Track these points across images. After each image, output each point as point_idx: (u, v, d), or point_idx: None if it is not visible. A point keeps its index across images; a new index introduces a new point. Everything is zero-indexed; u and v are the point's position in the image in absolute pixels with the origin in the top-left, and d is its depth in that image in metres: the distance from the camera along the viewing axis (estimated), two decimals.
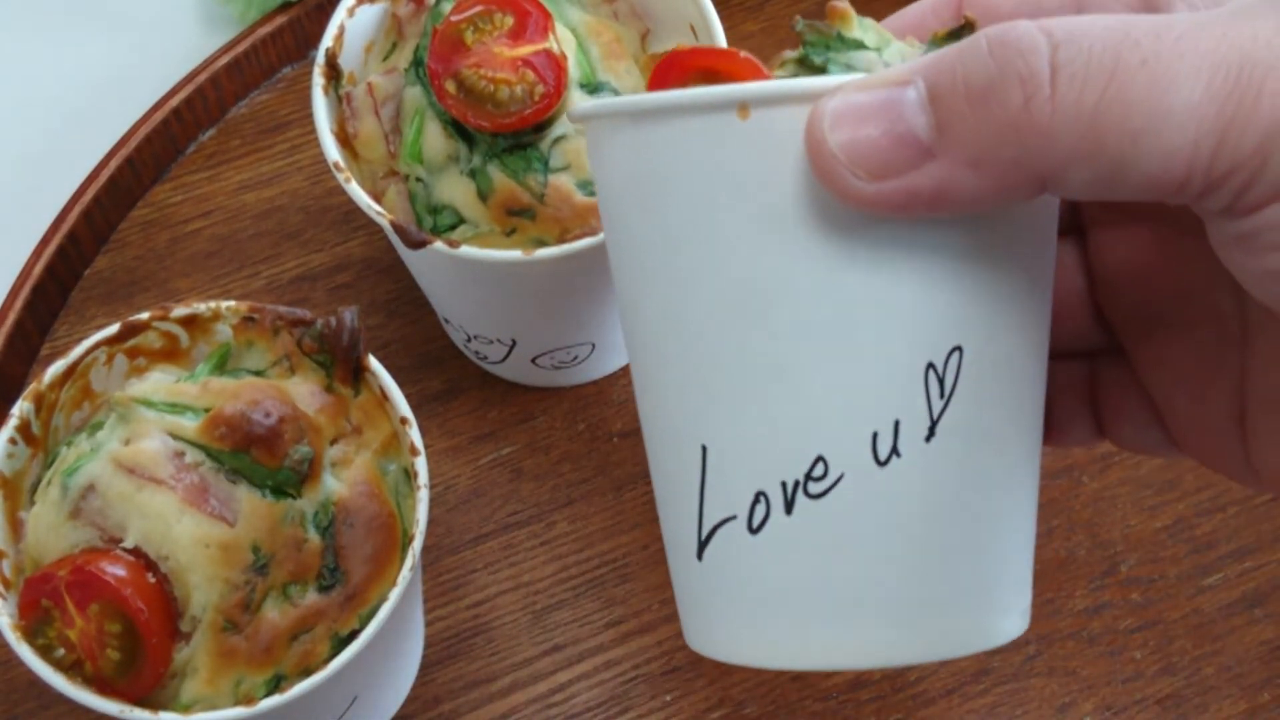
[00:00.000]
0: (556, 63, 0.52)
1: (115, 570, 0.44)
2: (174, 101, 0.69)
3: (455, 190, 0.54)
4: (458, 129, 0.54)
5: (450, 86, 0.52)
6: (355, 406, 0.49)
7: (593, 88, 0.55)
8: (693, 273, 0.34)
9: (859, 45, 0.36)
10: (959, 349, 0.33)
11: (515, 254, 0.52)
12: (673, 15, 0.57)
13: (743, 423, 0.34)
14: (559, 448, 0.62)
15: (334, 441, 0.48)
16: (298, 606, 0.45)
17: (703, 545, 0.36)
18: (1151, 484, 0.60)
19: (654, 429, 0.37)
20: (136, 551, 0.45)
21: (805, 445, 0.33)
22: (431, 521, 0.55)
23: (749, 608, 0.35)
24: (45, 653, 0.44)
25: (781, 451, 0.34)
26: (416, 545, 0.47)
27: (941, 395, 0.34)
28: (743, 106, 0.32)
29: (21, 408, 0.48)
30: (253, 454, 0.46)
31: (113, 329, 0.50)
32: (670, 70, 0.38)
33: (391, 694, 0.54)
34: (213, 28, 0.74)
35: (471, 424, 0.62)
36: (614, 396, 0.63)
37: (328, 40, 0.55)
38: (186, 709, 0.45)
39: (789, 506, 0.34)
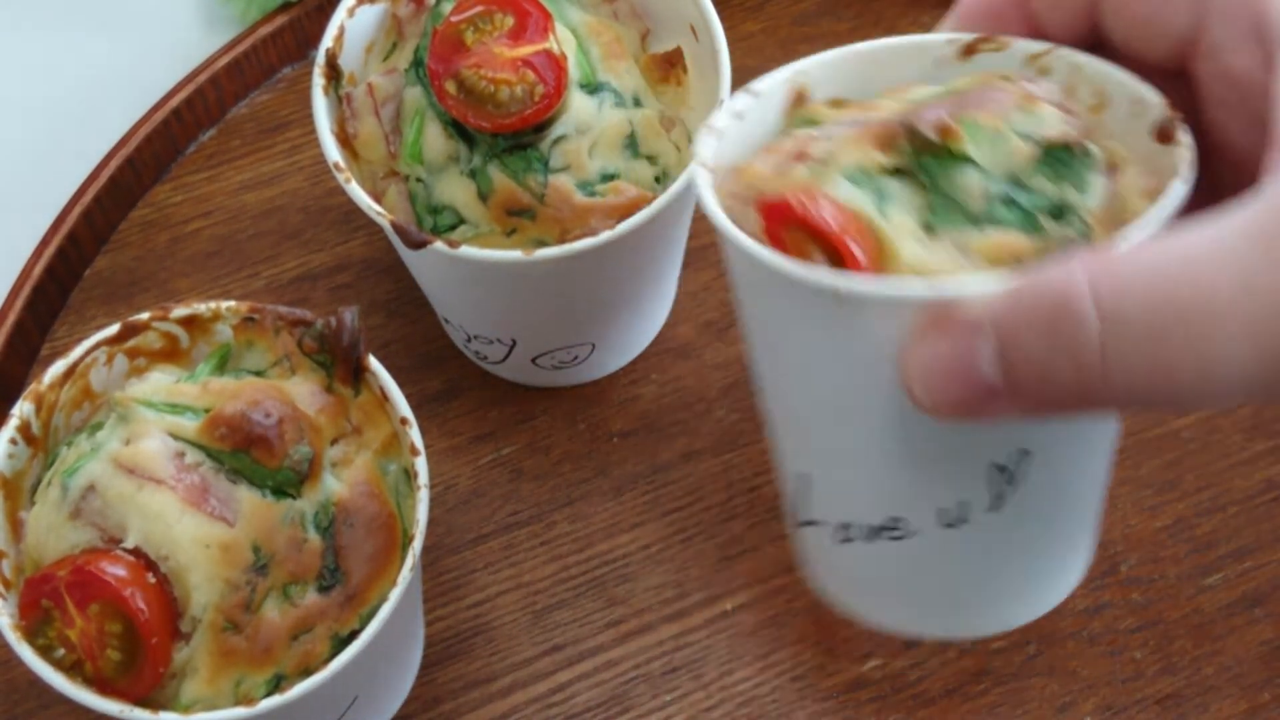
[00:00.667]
0: (557, 63, 0.52)
1: (115, 570, 0.44)
2: (174, 101, 0.69)
3: (455, 191, 0.54)
4: (458, 129, 0.54)
5: (450, 87, 0.52)
6: (355, 406, 0.49)
7: (592, 87, 0.55)
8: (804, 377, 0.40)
9: (966, 159, 0.40)
10: (1026, 451, 0.38)
11: (515, 254, 0.52)
12: (673, 15, 0.57)
13: (837, 480, 0.41)
14: (559, 448, 0.62)
15: (334, 441, 0.48)
16: (298, 607, 0.45)
17: (798, 525, 0.42)
18: (1151, 484, 0.60)
19: (774, 425, 0.43)
20: (137, 552, 0.45)
21: (885, 508, 0.39)
22: (431, 521, 0.54)
23: (831, 578, 0.43)
24: (45, 653, 0.44)
25: (865, 506, 0.40)
26: (416, 545, 0.47)
27: (1009, 483, 0.38)
28: (835, 294, 0.36)
29: (22, 408, 0.48)
30: (253, 454, 0.46)
31: (113, 329, 0.50)
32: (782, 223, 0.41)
33: (392, 694, 0.54)
34: (213, 28, 0.74)
35: (471, 424, 0.62)
36: (614, 397, 0.63)
37: (328, 40, 0.55)
38: (187, 709, 0.45)
39: (869, 539, 0.40)
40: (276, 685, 0.45)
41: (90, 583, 0.44)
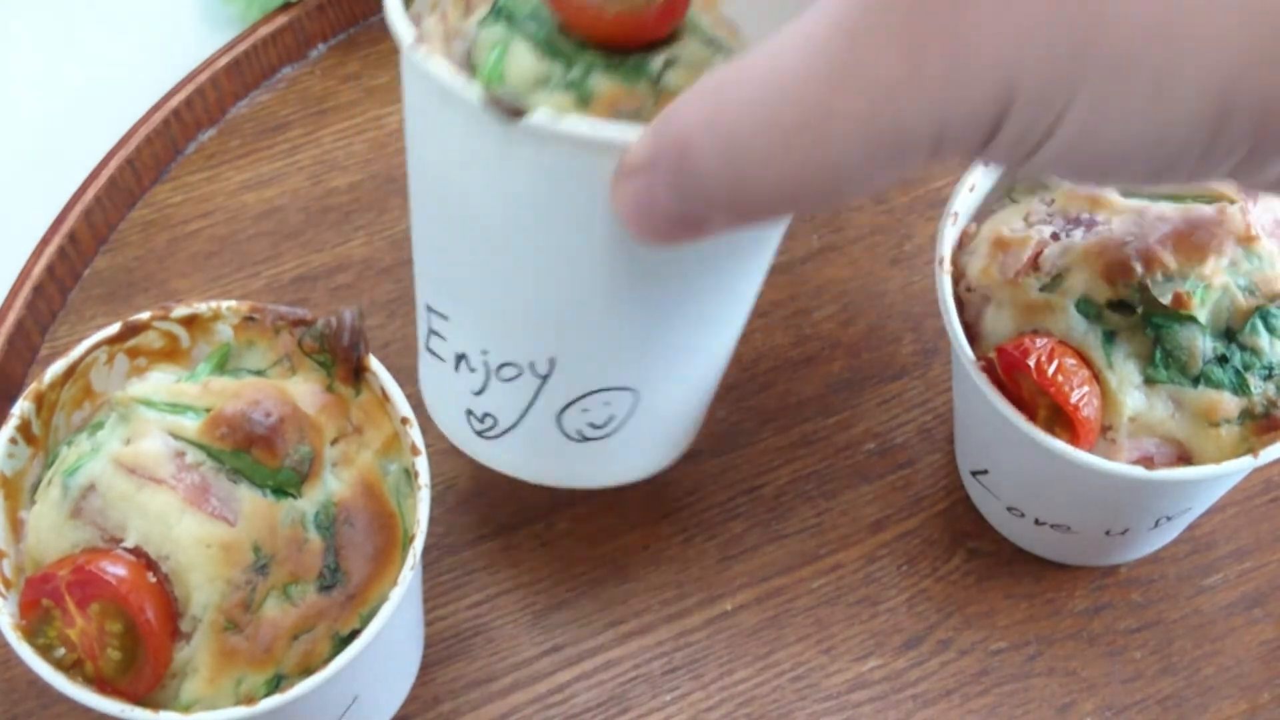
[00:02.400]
0: None
1: (116, 570, 0.44)
2: (174, 101, 0.69)
3: (545, 105, 0.44)
4: (551, 49, 0.45)
5: None
6: (356, 406, 0.49)
7: (706, 39, 0.47)
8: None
9: (1192, 319, 0.48)
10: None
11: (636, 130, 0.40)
12: None
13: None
14: None
15: (334, 441, 0.48)
16: (298, 606, 0.45)
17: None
18: None
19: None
20: (137, 551, 0.45)
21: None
22: (432, 521, 0.54)
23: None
24: (46, 652, 0.44)
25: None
26: (417, 545, 0.47)
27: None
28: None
29: (22, 407, 0.48)
30: (253, 454, 0.45)
31: (113, 329, 0.50)
32: None
33: (392, 694, 0.54)
34: (213, 28, 0.74)
35: None
36: None
37: None
38: (187, 709, 0.45)
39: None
40: (277, 685, 0.45)
41: (91, 582, 0.44)
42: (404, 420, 0.49)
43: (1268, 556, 0.58)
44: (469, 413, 0.51)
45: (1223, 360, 0.47)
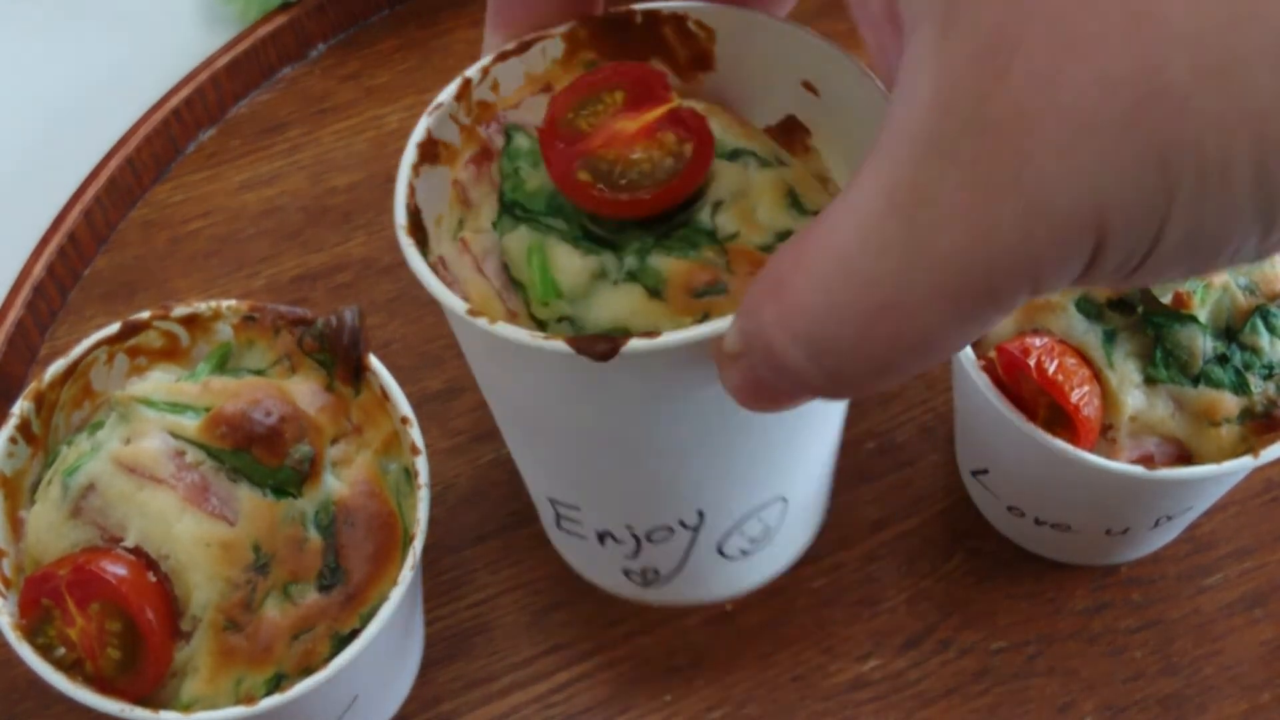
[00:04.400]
0: (692, 114, 0.43)
1: (116, 569, 0.44)
2: (174, 101, 0.69)
3: (615, 305, 0.42)
4: (594, 240, 0.42)
5: (584, 176, 0.42)
6: (356, 406, 0.49)
7: (732, 153, 0.44)
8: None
9: (1193, 319, 0.48)
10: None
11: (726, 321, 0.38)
12: (777, 77, 0.46)
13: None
14: None
15: (334, 441, 0.48)
16: (298, 606, 0.45)
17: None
18: None
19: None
20: (137, 551, 0.45)
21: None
22: (432, 521, 0.54)
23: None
24: (45, 652, 0.44)
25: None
26: (417, 545, 0.47)
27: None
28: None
29: (22, 407, 0.48)
30: (253, 453, 0.46)
31: (113, 328, 0.50)
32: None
33: (392, 693, 0.54)
34: (213, 28, 0.74)
35: (472, 423, 0.62)
36: None
37: (402, 198, 0.44)
38: (187, 708, 0.45)
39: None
40: (277, 684, 0.45)
41: (91, 582, 0.44)
42: (404, 420, 0.49)
43: (1268, 556, 0.58)
44: (627, 572, 0.50)
45: (1223, 359, 0.47)
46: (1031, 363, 0.47)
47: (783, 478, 0.48)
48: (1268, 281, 0.47)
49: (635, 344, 0.38)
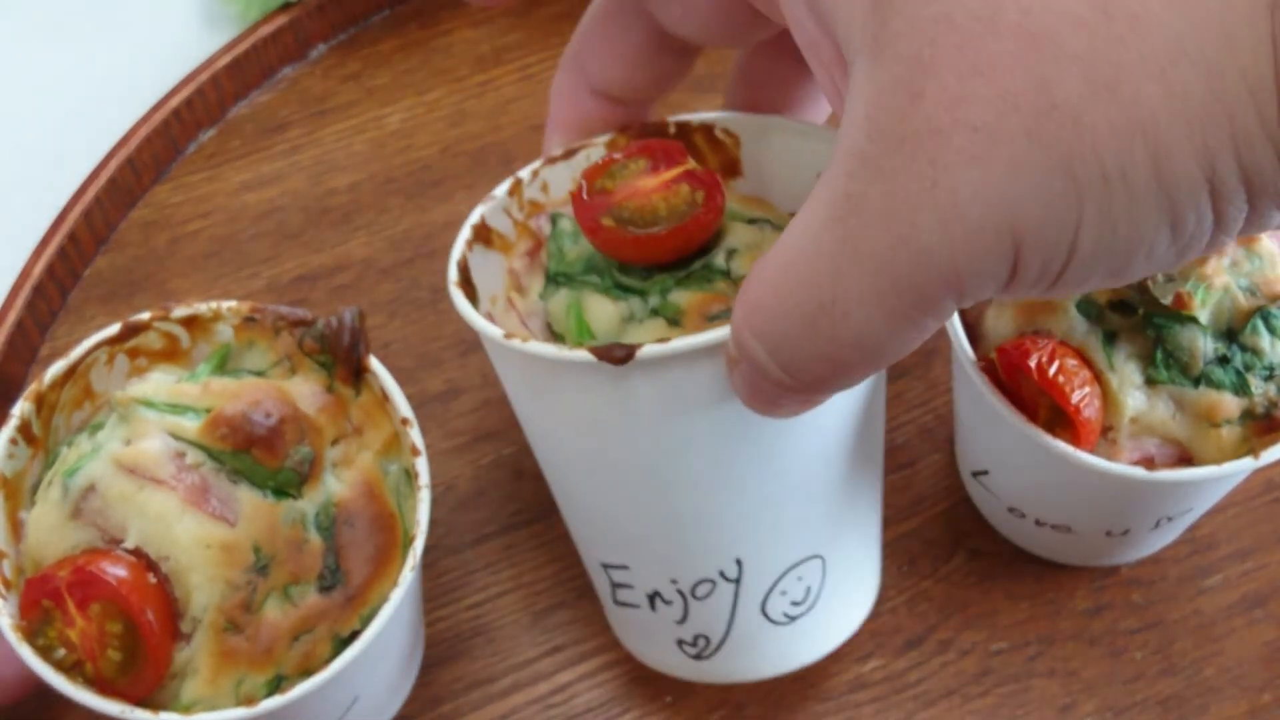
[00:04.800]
0: (706, 172, 0.48)
1: (116, 571, 0.44)
2: (174, 101, 0.69)
3: (641, 338, 0.47)
4: (624, 289, 0.48)
5: (607, 222, 0.47)
6: (356, 406, 0.49)
7: (748, 219, 0.50)
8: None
9: (1193, 320, 0.47)
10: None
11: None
12: (801, 175, 0.51)
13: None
14: None
15: (335, 442, 0.48)
16: (299, 607, 0.45)
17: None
18: None
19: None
20: (137, 552, 0.45)
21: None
22: (432, 522, 0.55)
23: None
24: (46, 653, 0.44)
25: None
26: (418, 546, 0.47)
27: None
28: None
29: (22, 408, 0.48)
30: (254, 454, 0.45)
31: (113, 329, 0.50)
32: None
33: (392, 694, 0.54)
34: (213, 28, 0.74)
35: (472, 424, 0.62)
36: None
37: (456, 257, 0.50)
38: (187, 709, 0.45)
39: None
40: (277, 686, 0.45)
41: (91, 583, 0.43)
42: (404, 421, 0.49)
43: (1269, 557, 0.58)
44: (680, 642, 0.51)
45: (1224, 361, 0.47)
46: (1032, 364, 0.47)
47: (816, 531, 0.49)
48: (1269, 283, 0.47)
49: (649, 349, 0.42)
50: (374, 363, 0.50)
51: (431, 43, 0.75)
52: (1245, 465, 0.46)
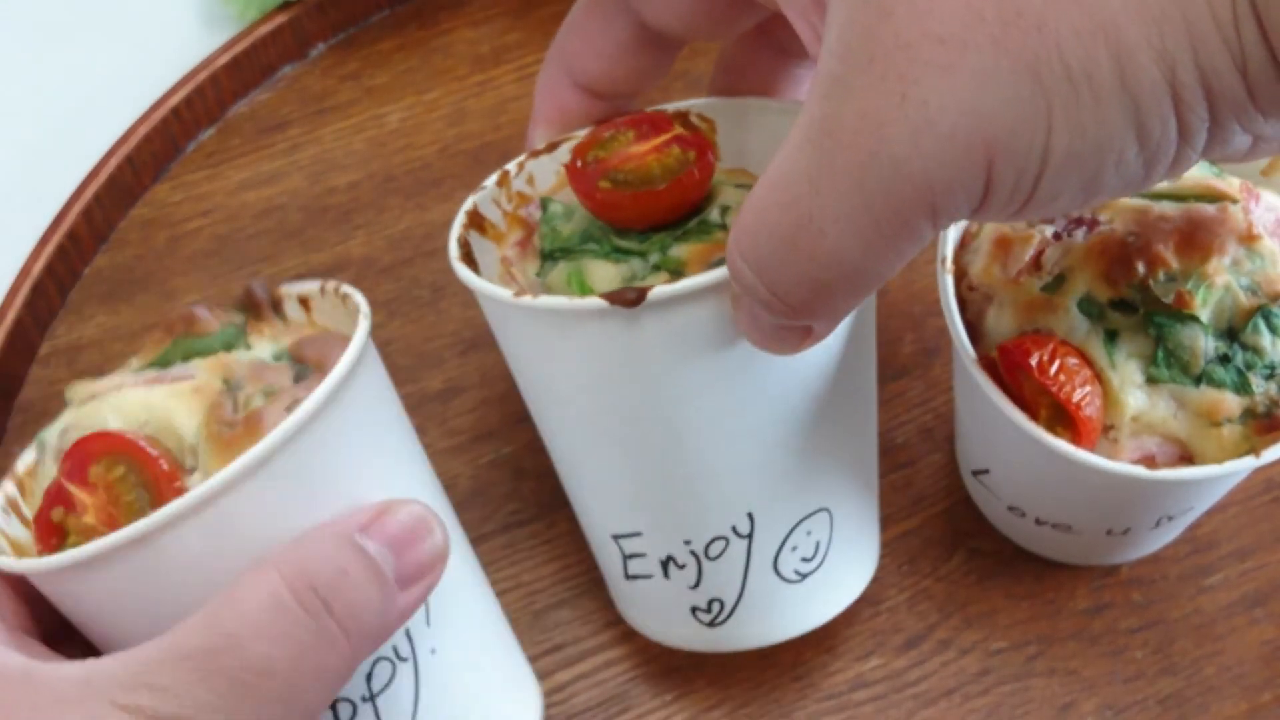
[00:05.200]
0: (696, 133, 0.49)
1: (105, 428, 0.44)
2: (174, 101, 0.69)
3: None
4: (621, 253, 0.48)
5: (605, 184, 0.48)
6: (307, 344, 0.49)
7: (736, 184, 0.50)
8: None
9: (1194, 319, 0.47)
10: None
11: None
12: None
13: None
14: None
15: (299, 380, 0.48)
16: (280, 394, 0.45)
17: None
18: None
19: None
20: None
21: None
22: None
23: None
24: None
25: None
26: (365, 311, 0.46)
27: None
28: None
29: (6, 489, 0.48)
30: (190, 333, 0.47)
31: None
32: None
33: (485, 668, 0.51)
34: (213, 27, 0.74)
35: (472, 423, 0.62)
36: None
37: (456, 233, 0.50)
38: None
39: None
40: None
41: (83, 450, 0.43)
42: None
43: (1269, 556, 0.58)
44: (694, 609, 0.51)
45: (1225, 360, 0.47)
46: (1033, 362, 0.47)
47: (824, 483, 0.50)
48: (1270, 282, 0.47)
49: (660, 289, 0.42)
50: (288, 296, 0.50)
51: (431, 42, 0.75)
52: (1246, 464, 0.46)
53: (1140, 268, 0.47)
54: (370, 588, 0.40)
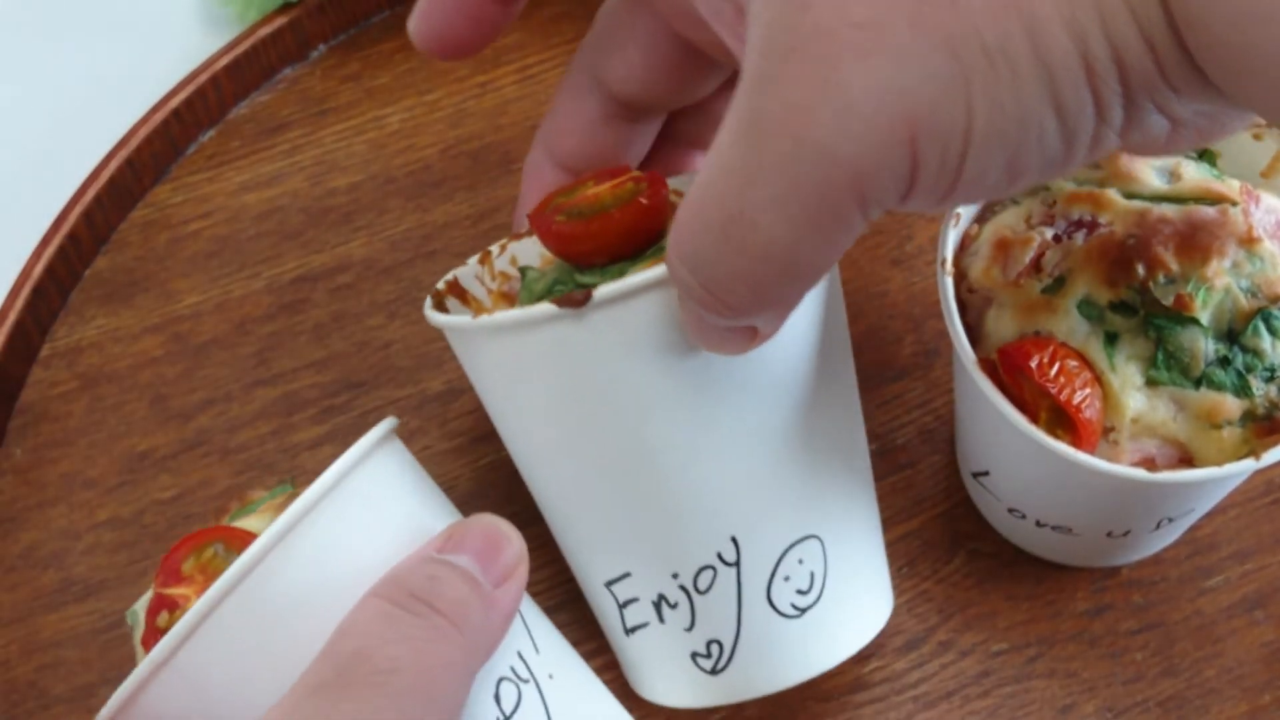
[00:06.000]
0: (651, 174, 0.49)
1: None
2: (174, 102, 0.69)
3: None
4: (583, 286, 0.48)
5: (560, 219, 0.48)
6: None
7: None
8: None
9: (1194, 321, 0.47)
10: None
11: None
12: None
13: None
14: None
15: None
16: None
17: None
18: None
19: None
20: None
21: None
22: None
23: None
24: None
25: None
26: None
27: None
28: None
29: None
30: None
31: None
32: None
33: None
34: (213, 28, 0.74)
35: (472, 424, 0.62)
36: None
37: (430, 300, 0.52)
38: None
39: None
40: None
41: (170, 560, 0.44)
42: None
43: (1269, 558, 0.58)
44: (694, 655, 0.50)
45: (1224, 362, 0.47)
46: (1033, 365, 0.47)
47: (807, 507, 0.49)
48: (1270, 284, 0.47)
49: (606, 287, 0.43)
50: None
51: None
52: (1246, 466, 0.46)
53: (1140, 270, 0.47)
54: (464, 586, 0.41)
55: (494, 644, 0.43)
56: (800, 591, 0.49)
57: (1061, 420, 0.47)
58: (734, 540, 0.48)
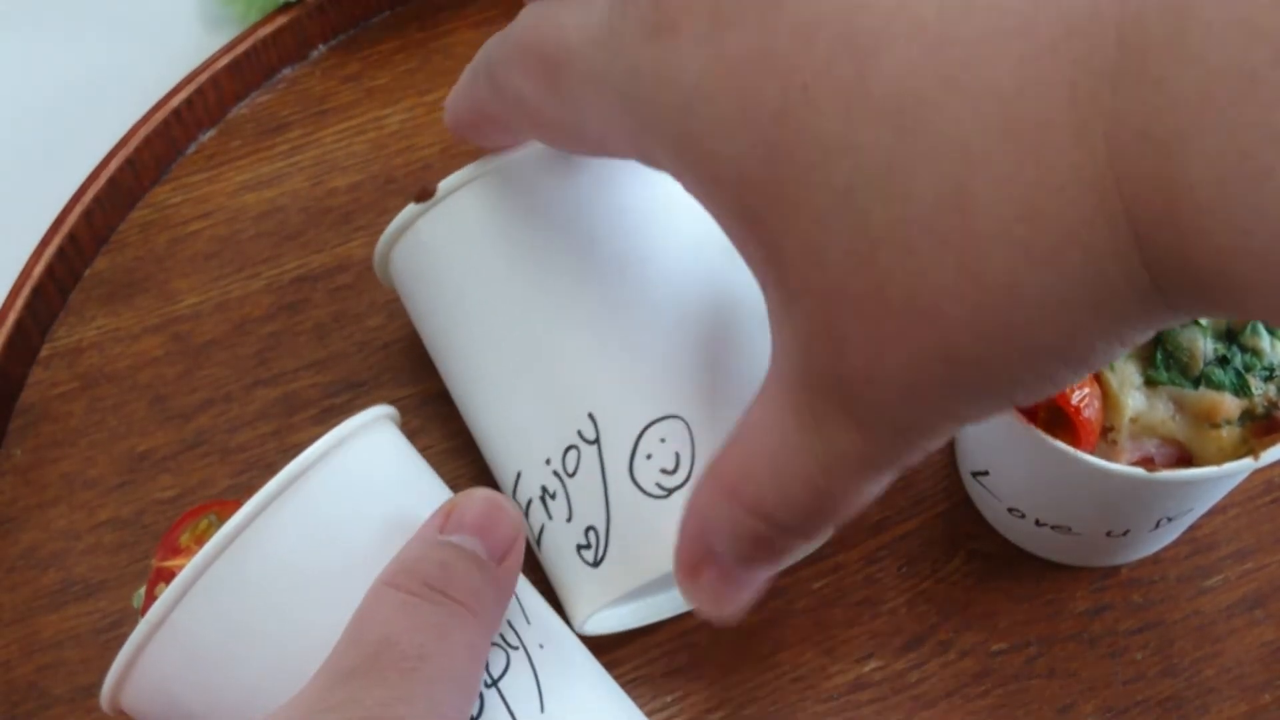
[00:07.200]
0: None
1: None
2: (174, 102, 0.69)
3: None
4: None
5: None
6: None
7: None
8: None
9: (1194, 321, 0.47)
10: None
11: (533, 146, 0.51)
12: None
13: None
14: None
15: None
16: None
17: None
18: None
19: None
20: None
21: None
22: None
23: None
24: None
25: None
26: None
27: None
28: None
29: None
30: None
31: None
32: None
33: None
34: (213, 28, 0.74)
35: None
36: None
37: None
38: None
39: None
40: None
41: (169, 536, 0.46)
42: None
43: (1269, 557, 0.58)
44: (579, 549, 0.50)
45: (1223, 361, 0.47)
46: None
47: (670, 389, 0.49)
48: None
49: (449, 178, 0.50)
50: None
51: (431, 44, 0.75)
52: (1245, 466, 0.46)
53: None
54: (476, 571, 0.42)
55: (500, 619, 0.44)
56: (665, 471, 0.48)
57: (1060, 420, 0.47)
58: (591, 417, 0.48)
